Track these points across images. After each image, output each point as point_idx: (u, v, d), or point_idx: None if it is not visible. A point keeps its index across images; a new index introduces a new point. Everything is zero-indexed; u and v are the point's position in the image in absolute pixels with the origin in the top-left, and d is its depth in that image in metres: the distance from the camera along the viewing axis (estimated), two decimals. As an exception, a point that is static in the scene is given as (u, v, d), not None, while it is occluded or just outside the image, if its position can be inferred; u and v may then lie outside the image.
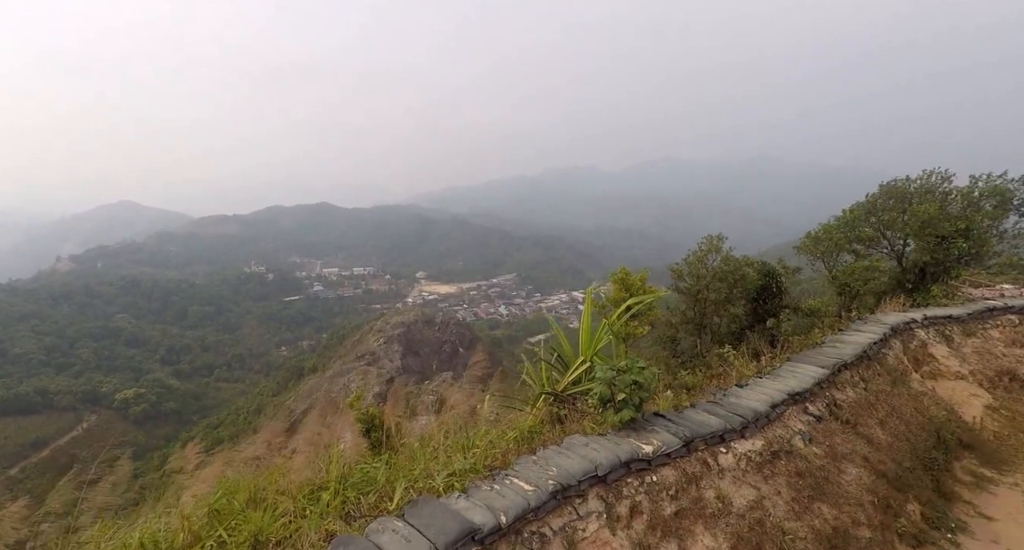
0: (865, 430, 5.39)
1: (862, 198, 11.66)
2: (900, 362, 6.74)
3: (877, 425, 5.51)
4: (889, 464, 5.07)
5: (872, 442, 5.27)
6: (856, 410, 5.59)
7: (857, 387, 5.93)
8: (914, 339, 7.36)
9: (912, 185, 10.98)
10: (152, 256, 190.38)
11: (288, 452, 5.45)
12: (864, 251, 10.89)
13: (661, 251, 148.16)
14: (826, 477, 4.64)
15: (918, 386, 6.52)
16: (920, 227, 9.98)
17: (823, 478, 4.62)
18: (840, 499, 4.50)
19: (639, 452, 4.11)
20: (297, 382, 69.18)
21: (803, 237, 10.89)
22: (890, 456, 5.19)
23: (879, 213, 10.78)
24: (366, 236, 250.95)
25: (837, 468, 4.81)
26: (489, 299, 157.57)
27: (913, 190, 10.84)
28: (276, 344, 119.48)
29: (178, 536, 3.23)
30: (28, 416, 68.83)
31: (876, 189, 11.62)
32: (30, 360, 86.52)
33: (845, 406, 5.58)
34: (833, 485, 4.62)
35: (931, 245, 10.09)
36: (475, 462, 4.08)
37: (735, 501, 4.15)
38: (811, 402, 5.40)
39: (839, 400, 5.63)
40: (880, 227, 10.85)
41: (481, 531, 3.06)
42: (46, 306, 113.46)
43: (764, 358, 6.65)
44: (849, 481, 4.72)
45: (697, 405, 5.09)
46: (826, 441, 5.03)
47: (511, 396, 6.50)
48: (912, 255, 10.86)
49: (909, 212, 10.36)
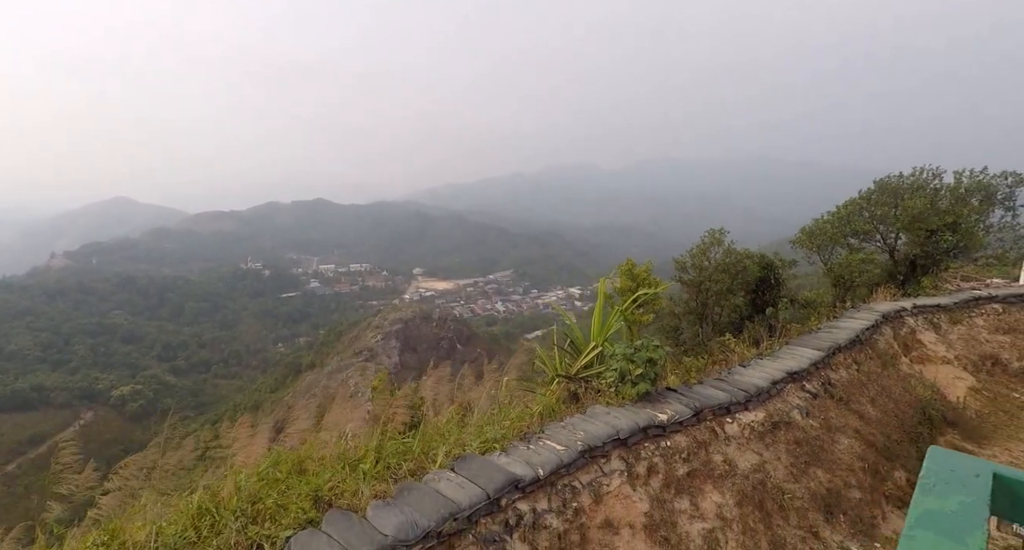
0: (857, 406, 5.86)
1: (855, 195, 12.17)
2: (890, 347, 7.22)
3: (868, 402, 5.99)
4: (878, 436, 5.54)
5: (863, 417, 5.74)
6: (849, 389, 6.06)
7: (850, 368, 6.40)
8: (904, 326, 7.84)
9: (904, 181, 11.47)
10: (148, 253, 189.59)
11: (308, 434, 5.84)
12: (858, 245, 11.38)
13: (659, 249, 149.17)
14: (821, 446, 5.10)
15: (907, 369, 7.00)
16: (911, 221, 10.47)
17: (818, 447, 5.08)
18: (833, 465, 4.97)
19: (655, 420, 4.55)
20: (295, 378, 69.37)
21: (798, 232, 11.37)
22: (879, 430, 5.66)
23: (873, 208, 11.27)
24: (363, 233, 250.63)
25: (831, 438, 5.27)
26: (486, 296, 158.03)
27: (905, 186, 11.34)
28: (273, 341, 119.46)
29: (233, 498, 3.57)
30: (25, 413, 68.82)
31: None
32: (26, 357, 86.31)
33: (839, 385, 6.05)
34: (827, 453, 5.08)
35: (921, 238, 10.59)
36: (506, 432, 4.49)
37: (740, 464, 4.60)
38: (808, 381, 5.86)
39: (833, 379, 6.10)
40: (874, 221, 11.34)
41: (523, 481, 3.49)
42: (41, 303, 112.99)
43: (764, 344, 7.11)
44: (842, 450, 5.18)
45: (705, 382, 5.54)
46: (821, 415, 5.50)
47: (528, 379, 6.90)
48: (903, 248, 11.35)
49: (901, 207, 10.85)
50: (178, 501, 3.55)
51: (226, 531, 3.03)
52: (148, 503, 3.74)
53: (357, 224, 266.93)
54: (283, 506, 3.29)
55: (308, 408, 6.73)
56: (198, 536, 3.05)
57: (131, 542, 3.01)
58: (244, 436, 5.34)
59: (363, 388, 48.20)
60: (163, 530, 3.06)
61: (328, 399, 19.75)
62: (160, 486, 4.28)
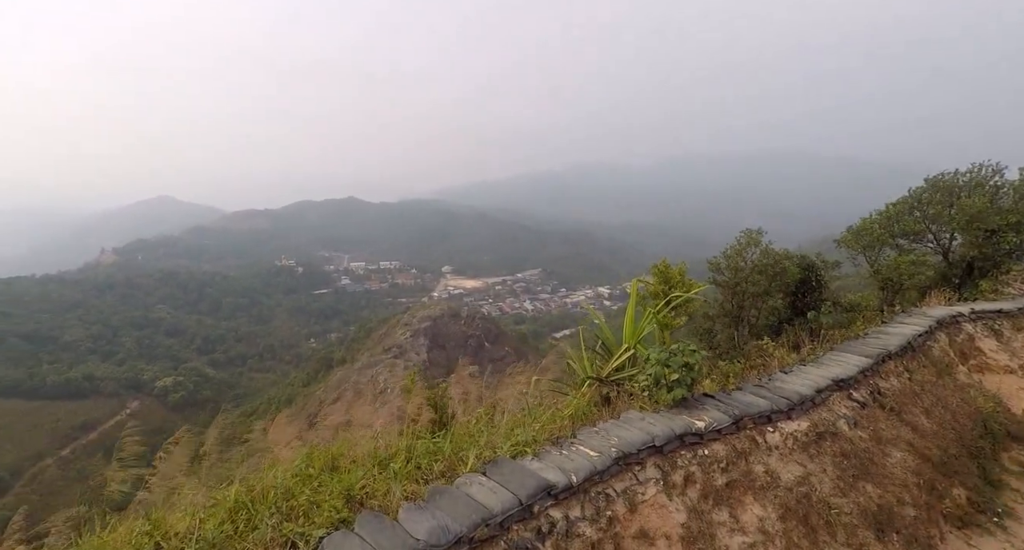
0: (910, 418, 5.53)
1: (901, 193, 11.52)
2: (946, 354, 6.81)
3: (922, 413, 5.65)
4: (934, 450, 5.21)
5: (917, 429, 5.42)
6: (900, 398, 5.73)
7: (901, 377, 6.06)
8: (961, 332, 7.39)
9: (960, 179, 10.81)
10: (188, 249, 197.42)
11: (336, 430, 5.90)
12: (908, 246, 10.79)
13: (688, 247, 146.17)
14: (871, 459, 4.83)
15: (964, 378, 6.59)
16: (968, 221, 9.84)
17: (868, 460, 4.81)
18: (885, 480, 4.69)
19: (692, 427, 4.38)
20: (326, 373, 70.92)
21: (844, 231, 10.85)
22: (935, 443, 5.33)
23: (924, 207, 10.65)
24: (392, 230, 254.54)
25: (881, 451, 4.98)
26: (514, 294, 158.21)
27: (961, 183, 10.68)
28: (306, 336, 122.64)
29: (268, 494, 3.59)
30: (77, 400, 72.66)
31: (918, 184, 11.46)
32: (78, 347, 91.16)
33: (889, 394, 5.72)
34: (878, 467, 4.80)
35: (979, 239, 9.94)
36: (536, 435, 4.40)
37: (782, 476, 4.39)
38: (855, 389, 5.56)
39: (883, 388, 5.78)
40: (925, 221, 10.73)
41: (556, 488, 3.40)
42: (92, 296, 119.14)
43: (805, 348, 6.81)
44: (894, 464, 4.89)
45: (744, 388, 5.32)
46: (870, 426, 5.21)
47: (559, 381, 6.79)
48: (959, 249, 10.70)
49: (956, 206, 10.23)
50: (216, 494, 3.61)
51: (262, 527, 3.05)
52: (188, 494, 3.83)
53: (386, 222, 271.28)
54: (316, 504, 3.29)
55: (339, 404, 6.84)
56: (235, 530, 3.08)
57: (172, 533, 3.07)
58: (280, 431, 5.43)
59: (392, 384, 48.85)
60: (203, 523, 3.10)
61: (357, 395, 20.30)
62: (201, 477, 4.38)
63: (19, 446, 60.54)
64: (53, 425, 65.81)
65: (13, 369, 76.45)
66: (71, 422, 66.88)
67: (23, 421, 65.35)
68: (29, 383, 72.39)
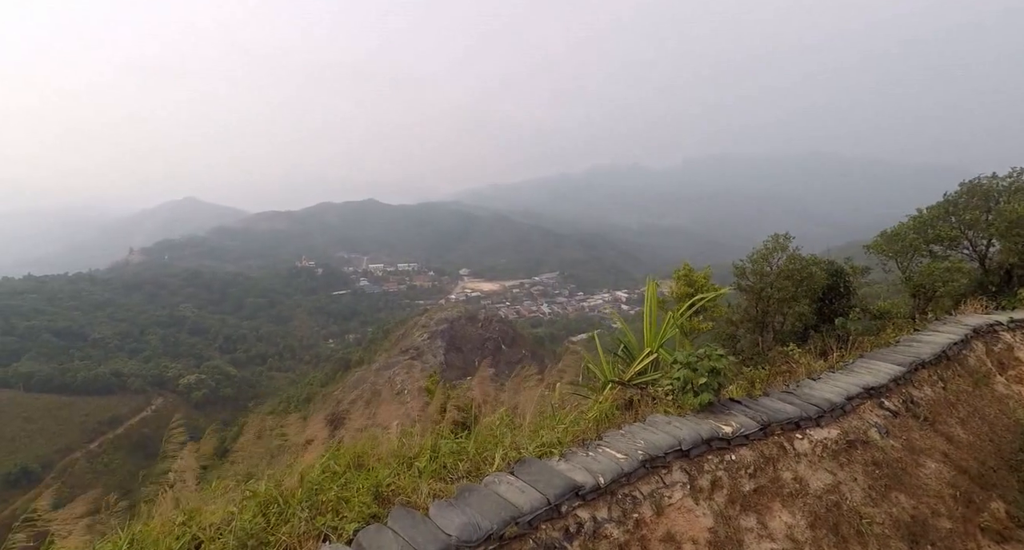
0: (944, 428, 5.39)
1: (932, 197, 11.17)
2: (982, 364, 6.61)
3: (958, 424, 5.49)
4: (971, 462, 5.06)
5: (952, 440, 5.27)
6: (935, 408, 5.58)
7: (935, 386, 5.90)
8: (999, 342, 7.16)
9: (999, 183, 10.44)
10: (212, 250, 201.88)
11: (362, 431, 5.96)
12: (943, 252, 10.44)
13: (707, 251, 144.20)
14: (903, 469, 4.72)
15: (1003, 389, 6.38)
16: (1008, 227, 9.49)
17: (900, 469, 4.70)
18: (919, 490, 4.58)
19: (719, 432, 4.34)
20: (344, 374, 71.79)
21: (875, 236, 10.57)
22: (972, 455, 5.18)
23: (960, 212, 10.31)
24: (411, 232, 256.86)
25: (915, 461, 4.86)
26: (531, 297, 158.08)
27: (1000, 188, 10.31)
28: (324, 336, 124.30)
29: (298, 489, 3.66)
30: (105, 396, 74.77)
31: (951, 188, 11.11)
32: (107, 344, 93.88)
33: (923, 404, 5.59)
34: (911, 477, 4.69)
35: (1019, 246, 9.58)
36: (561, 436, 4.41)
37: (812, 484, 4.32)
38: (886, 397, 5.44)
39: (916, 397, 5.64)
40: (961, 227, 10.37)
41: (583, 488, 3.41)
42: (120, 295, 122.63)
43: (833, 356, 6.68)
44: (928, 474, 4.77)
45: (771, 394, 5.25)
46: (903, 435, 5.09)
47: (579, 384, 6.78)
48: (997, 257, 10.33)
49: (995, 211, 9.88)
50: (247, 488, 3.70)
51: (294, 520, 3.13)
52: (220, 488, 3.93)
53: (404, 224, 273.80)
54: (345, 499, 3.36)
55: (359, 404, 6.94)
56: (267, 523, 3.16)
57: (207, 524, 3.16)
58: (305, 429, 5.54)
59: (409, 386, 49.25)
60: (236, 515, 3.19)
61: (376, 395, 20.51)
62: (232, 472, 4.49)
63: (50, 439, 62.54)
64: (82, 420, 67.85)
65: (46, 364, 79.10)
66: (99, 417, 68.85)
67: (54, 415, 67.49)
68: (60, 379, 74.75)
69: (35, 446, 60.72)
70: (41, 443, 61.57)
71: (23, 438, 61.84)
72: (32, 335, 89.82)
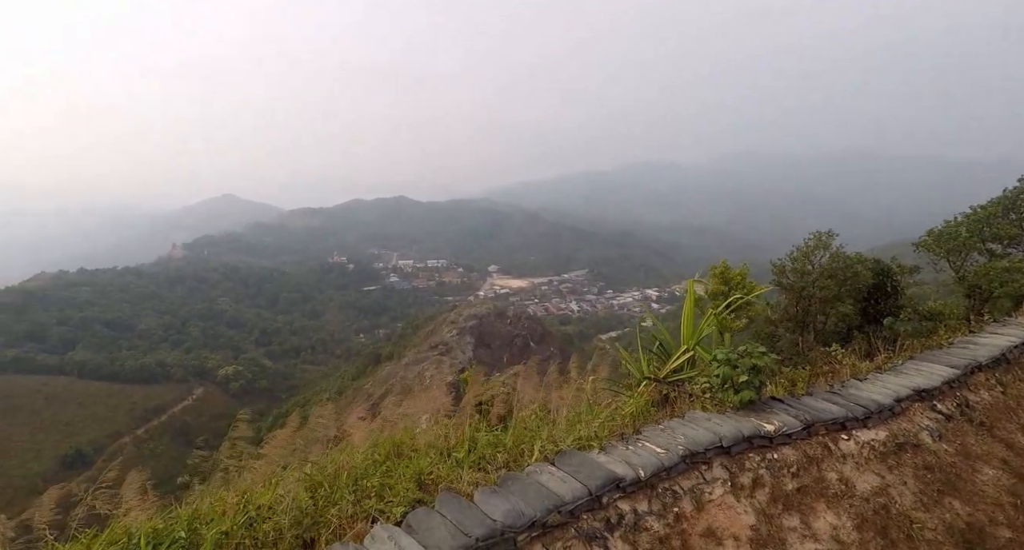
0: (1003, 434, 5.14)
1: (984, 195, 10.57)
2: (1044, 367, 6.27)
3: (1018, 431, 5.23)
4: (1031, 469, 4.83)
5: (1012, 447, 5.03)
6: (992, 413, 5.33)
7: (993, 390, 5.63)
8: (1062, 345, 6.77)
9: (1066, 178, 9.82)
10: (249, 246, 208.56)
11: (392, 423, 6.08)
12: (1001, 251, 9.87)
13: (742, 250, 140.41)
14: (958, 474, 4.53)
15: (1066, 394, 6.04)
16: (1074, 224, 8.95)
17: (954, 475, 4.52)
18: (975, 497, 4.39)
19: (761, 430, 4.27)
20: (374, 368, 73.17)
21: (924, 234, 10.07)
22: (1032, 462, 4.93)
23: (1021, 209, 9.73)
24: (440, 229, 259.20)
25: (970, 467, 4.67)
26: (560, 294, 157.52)
27: (1067, 183, 9.71)
28: (355, 331, 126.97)
29: (342, 474, 3.78)
30: (150, 385, 78.44)
31: (1001, 185, 10.49)
32: (152, 335, 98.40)
33: (979, 408, 5.34)
34: (966, 483, 4.50)
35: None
36: (598, 430, 4.42)
37: (858, 485, 4.20)
38: (939, 400, 5.23)
39: (971, 401, 5.40)
40: (1022, 224, 9.78)
41: (624, 481, 3.42)
42: (164, 288, 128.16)
43: (880, 357, 6.45)
44: (985, 481, 4.57)
45: (814, 394, 5.13)
46: (957, 440, 4.88)
47: (613, 380, 6.75)
48: (1063, 256, 9.72)
49: (1060, 207, 9.33)
50: (293, 472, 3.86)
51: (342, 503, 3.25)
52: (268, 472, 4.10)
53: (435, 221, 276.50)
54: (388, 486, 3.46)
55: (390, 398, 7.09)
56: (315, 505, 3.29)
57: (259, 503, 3.31)
58: (340, 420, 5.70)
59: (438, 381, 49.84)
60: (286, 496, 3.33)
61: (406, 390, 20.84)
62: (276, 457, 4.67)
63: (101, 424, 66.09)
64: (130, 406, 71.40)
65: (97, 353, 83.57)
66: (145, 404, 72.31)
67: (105, 402, 71.26)
68: (110, 367, 78.82)
69: (88, 430, 64.29)
70: (94, 427, 65.14)
71: (77, 422, 65.55)
72: (85, 325, 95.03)
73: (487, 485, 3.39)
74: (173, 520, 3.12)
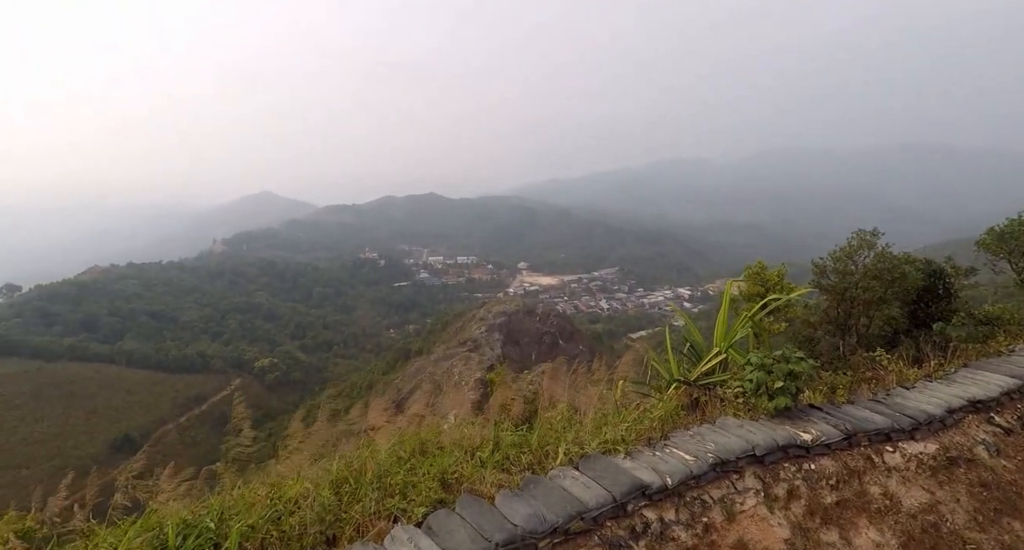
0: (1067, 449, 4.76)
1: None
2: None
3: (1084, 446, 4.84)
4: (1101, 490, 4.45)
5: (1077, 463, 4.65)
6: (1055, 426, 4.95)
7: (1057, 402, 5.23)
8: None
9: None
10: (284, 242, 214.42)
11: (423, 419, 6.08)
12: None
13: (783, 250, 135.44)
14: (1018, 493, 4.22)
15: None
16: None
17: (1014, 493, 4.20)
18: (1035, 517, 4.08)
19: (797, 439, 4.08)
20: (404, 363, 74.07)
21: (984, 233, 9.40)
22: (1103, 482, 4.54)
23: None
24: (470, 226, 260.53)
25: (1030, 485, 4.34)
26: (590, 292, 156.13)
27: None
28: (386, 326, 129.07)
29: (367, 471, 3.78)
30: (192, 374, 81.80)
31: None
32: (193, 327, 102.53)
33: (1040, 421, 4.97)
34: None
35: None
36: (625, 434, 4.29)
37: (905, 501, 3.96)
38: (997, 412, 4.88)
39: (1032, 413, 5.02)
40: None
41: (650, 488, 3.30)
42: (205, 282, 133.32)
43: (931, 363, 6.08)
44: (1046, 500, 4.24)
45: (856, 402, 4.87)
46: (1017, 456, 4.55)
47: (640, 381, 6.58)
48: None
49: None
50: (322, 467, 3.89)
51: (365, 500, 3.24)
52: (297, 465, 4.15)
53: (465, 217, 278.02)
54: (412, 484, 3.44)
55: (419, 393, 7.13)
56: (340, 501, 3.30)
57: (287, 497, 3.34)
58: (368, 415, 5.75)
59: (466, 377, 50.14)
60: (313, 491, 3.35)
61: (435, 386, 21.03)
62: (307, 450, 4.74)
63: (148, 411, 69.45)
64: (174, 395, 74.73)
65: (144, 343, 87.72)
66: (187, 393, 75.55)
67: (151, 390, 74.80)
68: (155, 357, 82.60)
69: (135, 416, 67.65)
70: (140, 414, 68.51)
71: (126, 409, 69.06)
72: (133, 316, 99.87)
73: (510, 487, 3.34)
74: (204, 510, 3.18)
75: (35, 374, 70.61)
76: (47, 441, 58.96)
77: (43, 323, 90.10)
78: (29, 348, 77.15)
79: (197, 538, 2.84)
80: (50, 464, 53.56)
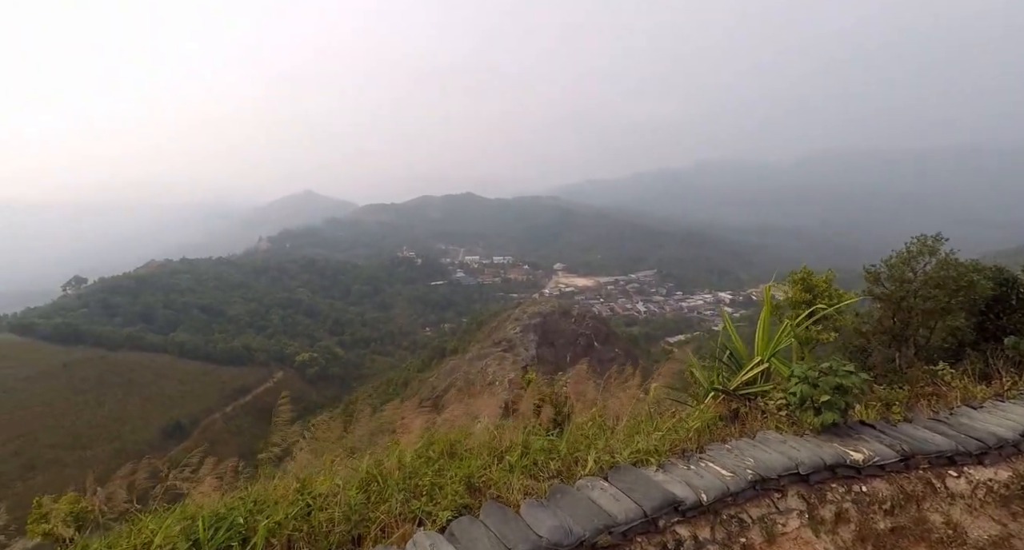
0: None
1: None
2: None
3: None
4: None
5: None
6: None
7: None
8: None
9: None
10: (325, 240, 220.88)
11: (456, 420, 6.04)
12: None
13: (833, 255, 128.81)
14: (1105, 529, 3.80)
15: None
16: None
17: (1096, 528, 3.79)
18: (1123, 557, 3.66)
19: (846, 458, 3.81)
20: (440, 361, 74.92)
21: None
22: None
23: None
24: (507, 226, 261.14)
25: (1122, 521, 3.90)
26: (627, 295, 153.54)
27: None
28: (422, 324, 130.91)
29: (395, 472, 3.75)
30: (237, 366, 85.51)
31: None
32: (239, 321, 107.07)
33: None
34: (1117, 541, 3.76)
35: None
36: (658, 444, 4.12)
37: (971, 532, 3.63)
38: (1077, 437, 4.42)
39: (1120, 440, 4.52)
40: None
41: (683, 504, 3.14)
42: (251, 278, 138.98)
43: (1001, 381, 5.59)
44: None
45: (915, 420, 4.51)
46: (1100, 486, 4.10)
47: (677, 388, 6.35)
48: None
49: None
50: (352, 465, 3.91)
51: (391, 500, 3.22)
52: (329, 462, 4.19)
53: (501, 217, 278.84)
54: (439, 486, 3.40)
55: (453, 392, 7.12)
56: (367, 500, 3.29)
57: (317, 493, 3.37)
58: (402, 412, 5.76)
59: (500, 377, 50.27)
60: (342, 489, 3.36)
61: (469, 385, 20.89)
62: (341, 446, 4.79)
63: (197, 400, 73.09)
64: (221, 386, 78.36)
65: (195, 335, 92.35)
66: (233, 385, 79.06)
67: (200, 380, 78.69)
68: (205, 348, 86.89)
69: (186, 405, 71.31)
70: (190, 402, 72.15)
71: (177, 397, 72.90)
72: (185, 309, 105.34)
73: (536, 495, 3.25)
74: (237, 503, 3.23)
75: (99, 362, 75.56)
76: (107, 425, 63.04)
77: (105, 313, 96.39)
78: (93, 336, 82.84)
79: (227, 531, 2.88)
80: (111, 446, 57.23)
